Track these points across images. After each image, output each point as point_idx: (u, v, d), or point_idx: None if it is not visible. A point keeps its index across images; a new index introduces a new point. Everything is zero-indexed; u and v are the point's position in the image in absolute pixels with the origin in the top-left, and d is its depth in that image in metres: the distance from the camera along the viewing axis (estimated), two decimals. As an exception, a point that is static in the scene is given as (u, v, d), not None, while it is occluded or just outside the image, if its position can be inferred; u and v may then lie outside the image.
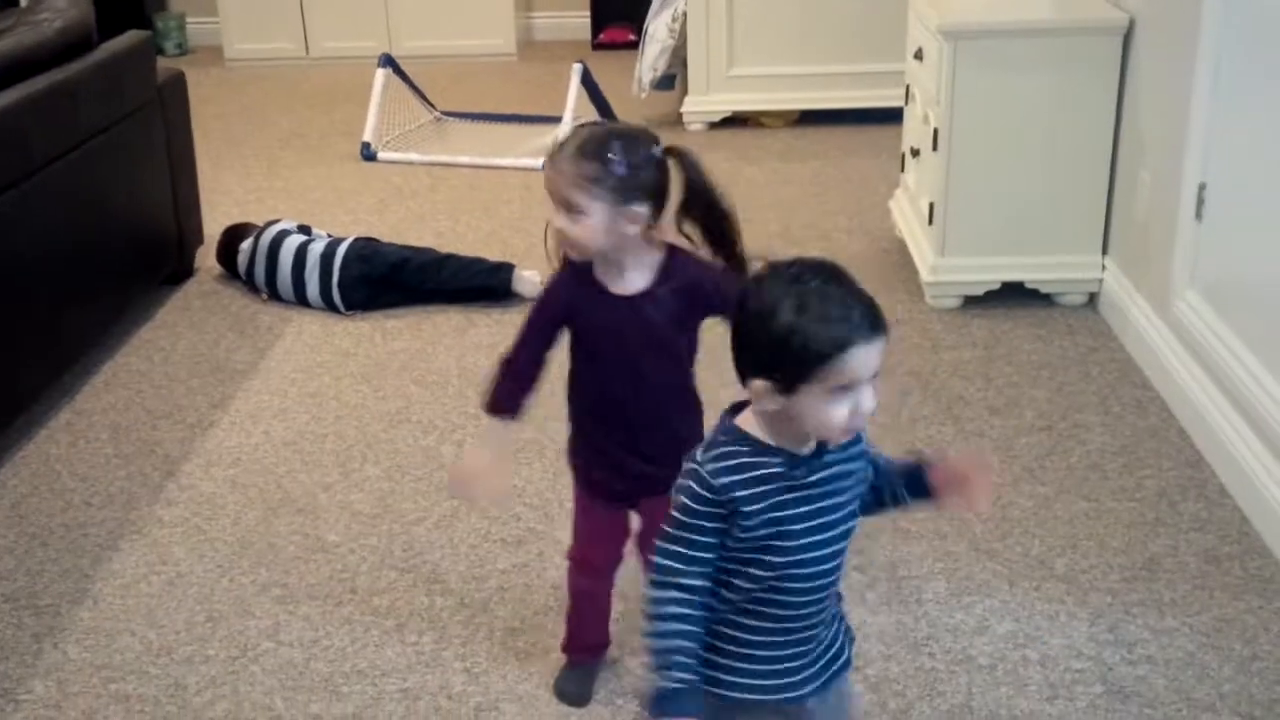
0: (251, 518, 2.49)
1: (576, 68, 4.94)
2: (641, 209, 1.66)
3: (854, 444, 1.41)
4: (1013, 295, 3.34)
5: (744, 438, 1.36)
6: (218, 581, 2.30)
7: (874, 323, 1.29)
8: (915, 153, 3.55)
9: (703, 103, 5.14)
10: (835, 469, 1.38)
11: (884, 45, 4.89)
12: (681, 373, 1.79)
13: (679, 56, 5.15)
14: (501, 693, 2.00)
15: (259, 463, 2.70)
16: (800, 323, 1.26)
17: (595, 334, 1.74)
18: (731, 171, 4.62)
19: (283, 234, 3.51)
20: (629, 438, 1.78)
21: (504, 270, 3.45)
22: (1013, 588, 2.23)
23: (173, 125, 3.54)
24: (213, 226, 3.76)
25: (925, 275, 3.38)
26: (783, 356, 1.27)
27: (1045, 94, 3.15)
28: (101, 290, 3.17)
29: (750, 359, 1.32)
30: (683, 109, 5.17)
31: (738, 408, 1.39)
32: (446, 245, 3.72)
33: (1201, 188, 2.64)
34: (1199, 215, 2.66)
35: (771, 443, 1.35)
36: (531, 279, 3.39)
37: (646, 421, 1.77)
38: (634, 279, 1.72)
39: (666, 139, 3.71)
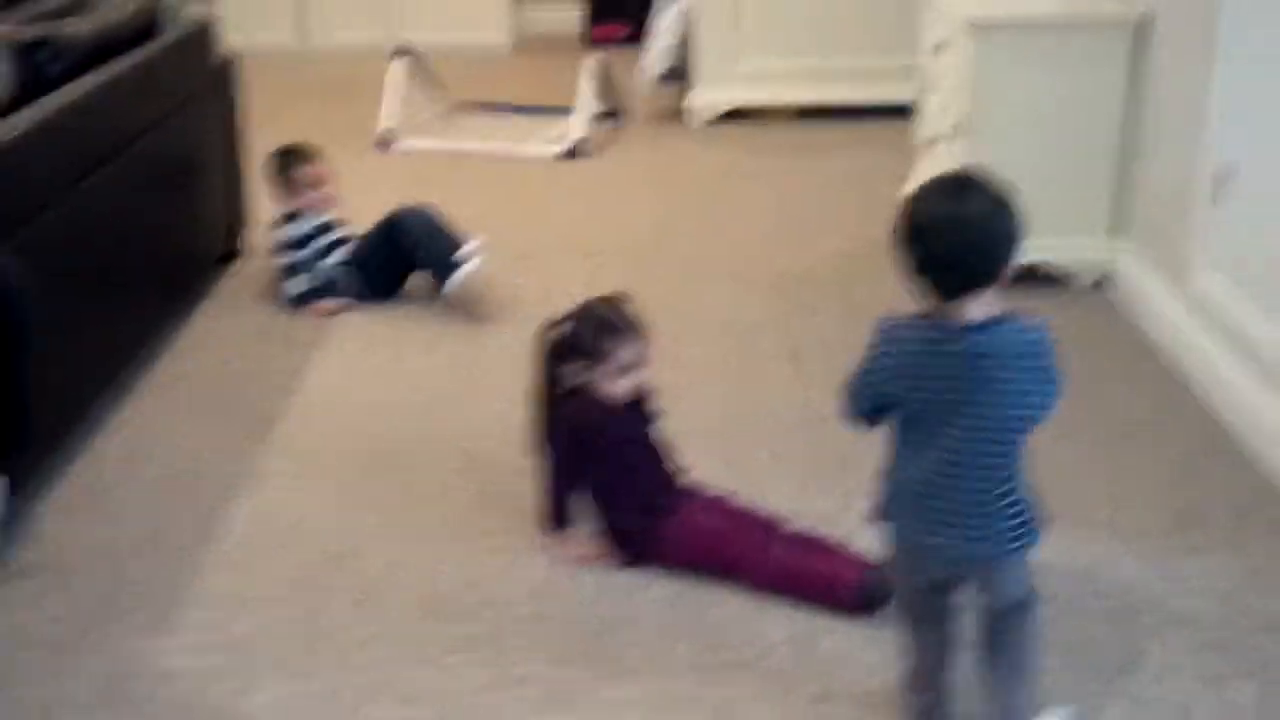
0: (354, 470, 2.66)
1: (589, 61, 5.13)
2: None
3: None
4: (1027, 278, 3.58)
5: None
6: (334, 525, 2.47)
7: None
8: (933, 142, 3.78)
9: (707, 97, 5.34)
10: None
11: (885, 41, 5.14)
12: None
13: (684, 51, 5.35)
14: (617, 618, 2.20)
15: (349, 422, 2.87)
16: None
17: None
18: (735, 164, 4.83)
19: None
20: None
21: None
22: (1062, 534, 2.44)
23: (227, 106, 3.67)
24: (256, 212, 3.88)
25: (947, 257, 3.61)
26: None
27: (1061, 84, 3.38)
28: (173, 264, 3.30)
29: None
30: (686, 103, 5.37)
31: None
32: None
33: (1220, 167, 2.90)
34: (1215, 198, 2.91)
35: None
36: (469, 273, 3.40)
37: None
38: None
39: (668, 134, 3.89)
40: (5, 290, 2.11)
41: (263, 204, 3.89)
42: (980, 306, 1.68)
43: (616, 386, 2.32)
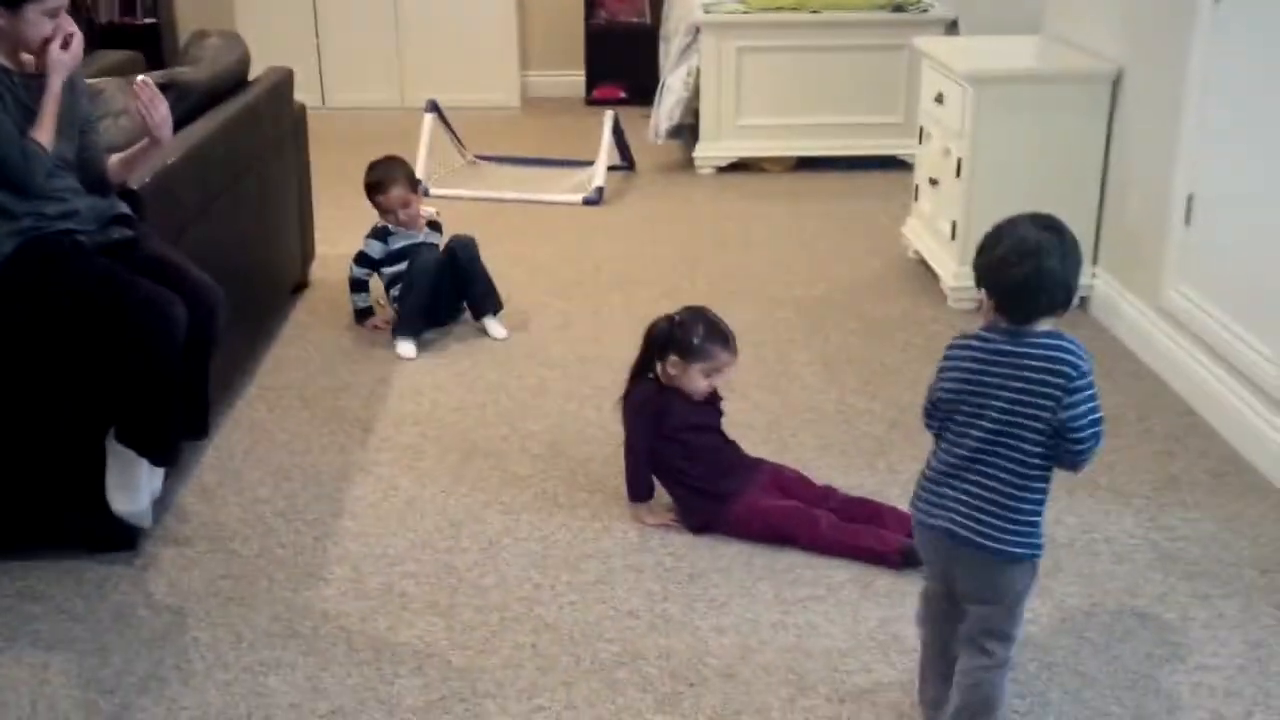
0: (453, 459, 3.03)
1: (609, 115, 5.58)
2: None
3: None
4: (1020, 298, 4.03)
5: None
6: (445, 501, 2.84)
7: None
8: (934, 182, 4.24)
9: (713, 149, 5.80)
10: None
11: (871, 101, 5.68)
12: None
13: (691, 108, 5.82)
14: (705, 567, 2.58)
15: (439, 422, 3.23)
16: None
17: None
18: (745, 209, 5.27)
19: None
20: None
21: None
22: (1070, 496, 2.87)
23: (301, 149, 4.08)
24: (320, 248, 4.27)
25: (949, 282, 4.06)
26: None
27: (1048, 128, 3.87)
28: (267, 289, 3.68)
29: None
30: (695, 154, 5.83)
31: None
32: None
33: (1190, 198, 3.36)
34: (1188, 220, 3.37)
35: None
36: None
37: None
38: None
39: (678, 182, 4.44)
40: (213, 307, 2.51)
41: (326, 239, 4.30)
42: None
43: (700, 384, 2.70)
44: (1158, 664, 2.30)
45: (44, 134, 2.38)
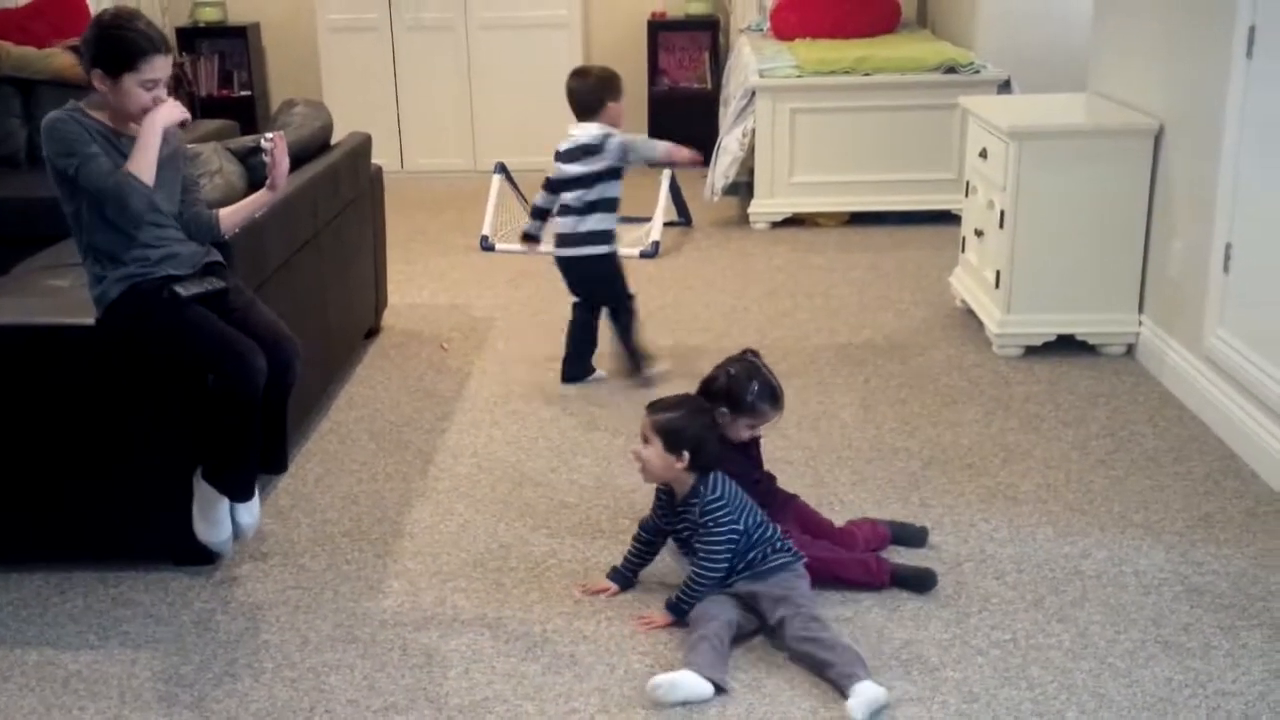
0: (504, 488, 3.20)
1: (666, 174, 5.80)
2: None
3: None
4: (1064, 346, 4.12)
5: None
6: (496, 525, 3.00)
7: None
8: (979, 233, 4.36)
9: (767, 205, 5.98)
10: None
11: (923, 158, 5.83)
12: None
13: (746, 166, 6.02)
14: (739, 591, 2.70)
15: (494, 455, 3.41)
16: None
17: None
18: (798, 260, 5.43)
19: None
20: None
21: None
22: (1104, 532, 2.96)
23: (376, 206, 4.32)
24: (392, 298, 4.51)
25: (993, 329, 4.17)
26: None
27: (1092, 182, 3.98)
28: (342, 334, 3.90)
29: None
30: (750, 210, 6.01)
31: None
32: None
33: (1228, 247, 3.45)
34: (1226, 269, 3.46)
35: None
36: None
37: None
38: None
39: (733, 237, 4.41)
40: (290, 359, 2.72)
41: (397, 290, 4.52)
42: None
43: (743, 434, 2.82)
44: (1177, 689, 2.37)
45: (135, 164, 2.51)
